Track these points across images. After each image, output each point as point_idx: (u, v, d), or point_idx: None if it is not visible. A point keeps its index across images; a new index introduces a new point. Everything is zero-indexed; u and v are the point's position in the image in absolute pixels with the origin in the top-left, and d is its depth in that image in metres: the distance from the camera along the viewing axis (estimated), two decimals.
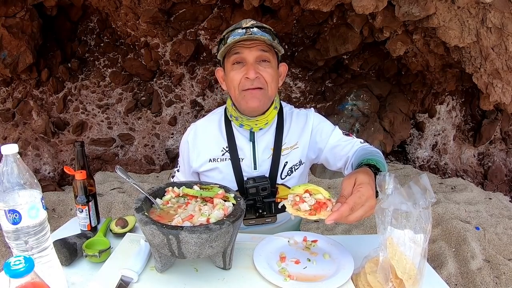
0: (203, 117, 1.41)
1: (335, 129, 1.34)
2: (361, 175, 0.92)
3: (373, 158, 1.10)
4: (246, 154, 1.29)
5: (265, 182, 1.24)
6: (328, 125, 1.35)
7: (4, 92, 3.98)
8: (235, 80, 1.20)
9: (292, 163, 1.31)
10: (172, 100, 4.48)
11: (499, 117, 4.40)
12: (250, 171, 1.29)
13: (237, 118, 1.27)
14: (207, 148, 1.31)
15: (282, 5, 3.64)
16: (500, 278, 2.47)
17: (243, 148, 1.30)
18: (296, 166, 1.32)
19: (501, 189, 4.29)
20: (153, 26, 3.90)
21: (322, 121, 1.36)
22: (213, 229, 0.83)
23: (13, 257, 0.63)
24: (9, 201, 0.77)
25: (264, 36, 1.14)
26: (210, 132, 1.34)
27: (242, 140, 1.30)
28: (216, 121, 1.35)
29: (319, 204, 0.90)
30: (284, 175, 1.31)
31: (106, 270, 0.96)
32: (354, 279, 0.94)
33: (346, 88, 4.63)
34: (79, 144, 1.20)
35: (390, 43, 3.57)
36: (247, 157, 1.29)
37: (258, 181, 1.24)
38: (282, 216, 1.37)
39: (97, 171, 4.22)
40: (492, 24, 2.57)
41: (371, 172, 0.98)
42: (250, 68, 1.17)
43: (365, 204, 0.86)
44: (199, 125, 1.37)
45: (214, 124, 1.35)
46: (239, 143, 1.30)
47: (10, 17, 3.45)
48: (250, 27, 1.17)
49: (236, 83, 1.20)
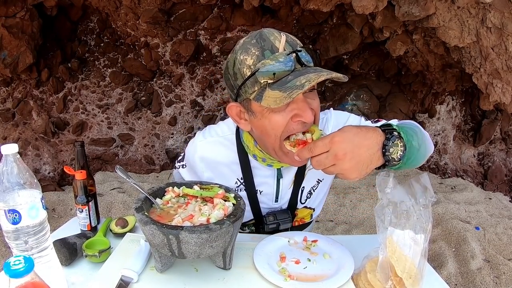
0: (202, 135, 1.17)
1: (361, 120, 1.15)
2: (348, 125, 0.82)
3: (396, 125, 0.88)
4: (268, 187, 1.16)
5: (287, 218, 1.14)
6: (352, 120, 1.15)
7: (4, 92, 3.98)
8: (279, 125, 0.90)
9: (310, 186, 1.20)
10: (172, 100, 4.48)
11: (499, 117, 4.40)
12: (270, 204, 1.19)
13: (264, 159, 1.07)
14: (218, 179, 1.13)
15: (282, 5, 3.64)
16: (500, 278, 2.47)
17: (264, 182, 1.15)
18: (314, 187, 1.21)
19: (501, 189, 4.29)
20: (153, 26, 3.90)
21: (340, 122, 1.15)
22: (213, 229, 0.83)
23: (13, 257, 0.63)
24: (9, 201, 0.77)
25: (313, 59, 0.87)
26: (222, 160, 1.14)
27: (262, 173, 1.14)
28: (227, 148, 1.14)
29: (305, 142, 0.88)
30: (304, 199, 1.21)
31: (106, 270, 0.96)
32: (354, 279, 0.94)
33: (346, 88, 4.63)
34: (79, 144, 1.20)
35: (390, 43, 3.58)
36: (269, 190, 1.16)
37: (279, 218, 1.14)
38: None
39: (97, 171, 4.22)
40: (492, 24, 2.57)
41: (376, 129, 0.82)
42: (305, 107, 0.88)
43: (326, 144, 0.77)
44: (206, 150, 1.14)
45: (224, 151, 1.14)
46: (258, 176, 1.14)
47: (10, 17, 3.45)
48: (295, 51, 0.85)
49: (280, 130, 0.90)
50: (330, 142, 0.78)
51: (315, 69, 0.85)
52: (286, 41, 0.87)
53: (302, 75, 0.82)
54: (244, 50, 0.89)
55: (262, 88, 0.87)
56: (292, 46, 0.88)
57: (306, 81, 0.80)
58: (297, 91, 0.80)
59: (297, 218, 1.24)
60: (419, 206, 0.83)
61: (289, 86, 0.82)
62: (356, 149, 0.78)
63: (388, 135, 0.82)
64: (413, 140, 0.85)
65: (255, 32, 0.91)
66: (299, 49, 0.86)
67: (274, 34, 0.89)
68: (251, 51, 0.88)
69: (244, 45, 0.90)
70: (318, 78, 0.80)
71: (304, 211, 1.23)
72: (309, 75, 0.82)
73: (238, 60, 0.90)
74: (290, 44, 0.88)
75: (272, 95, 0.84)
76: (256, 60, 0.87)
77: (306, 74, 0.82)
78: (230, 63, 0.93)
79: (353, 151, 0.77)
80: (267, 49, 0.87)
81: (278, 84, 0.84)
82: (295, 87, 0.80)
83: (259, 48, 0.87)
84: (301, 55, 0.85)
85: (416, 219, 0.84)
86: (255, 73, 0.85)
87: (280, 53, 0.85)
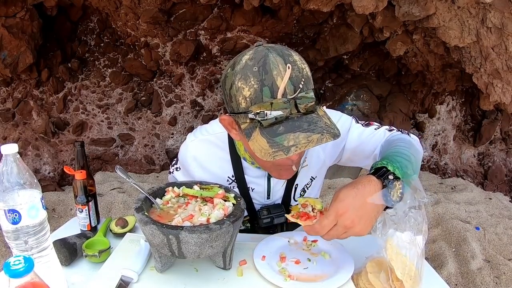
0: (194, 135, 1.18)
1: (352, 123, 1.16)
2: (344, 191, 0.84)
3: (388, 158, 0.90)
4: (259, 185, 1.20)
5: (281, 212, 1.18)
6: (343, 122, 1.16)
7: (4, 92, 3.98)
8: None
9: (303, 184, 1.24)
10: (172, 100, 4.48)
11: (499, 117, 4.40)
12: (263, 201, 1.23)
13: (253, 163, 1.13)
14: (211, 177, 1.16)
15: (282, 5, 3.64)
16: (500, 278, 2.47)
17: (255, 181, 1.19)
18: (307, 185, 1.25)
19: (501, 189, 4.29)
20: (153, 26, 3.90)
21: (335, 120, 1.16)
22: (213, 229, 0.83)
23: (12, 257, 0.63)
24: (9, 201, 0.77)
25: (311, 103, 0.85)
26: (213, 159, 1.17)
27: (254, 172, 1.18)
28: (218, 146, 1.16)
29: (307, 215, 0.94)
30: (298, 196, 1.24)
31: (106, 270, 0.96)
32: (354, 279, 0.94)
33: (346, 88, 4.63)
34: (79, 144, 1.20)
35: (390, 43, 3.58)
36: (260, 188, 1.20)
37: (273, 212, 1.18)
38: None
39: (97, 171, 4.22)
40: (492, 24, 2.57)
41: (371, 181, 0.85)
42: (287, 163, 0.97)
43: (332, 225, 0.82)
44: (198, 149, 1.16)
45: (216, 150, 1.16)
46: (249, 174, 1.18)
47: (10, 17, 3.45)
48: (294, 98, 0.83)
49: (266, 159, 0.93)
50: (335, 217, 0.82)
51: (310, 126, 0.83)
52: (289, 78, 0.82)
53: (293, 131, 0.82)
54: (244, 77, 0.84)
55: (254, 126, 0.86)
56: (295, 85, 0.83)
57: (294, 145, 0.80)
58: (282, 155, 0.80)
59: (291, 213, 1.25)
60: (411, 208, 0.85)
61: (276, 141, 0.82)
62: (360, 211, 0.82)
63: (384, 182, 0.85)
64: (408, 170, 0.88)
65: (260, 55, 0.85)
66: (299, 96, 0.83)
67: (278, 68, 0.82)
68: (250, 81, 0.83)
69: (244, 70, 0.85)
70: (306, 145, 0.80)
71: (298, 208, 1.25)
72: (300, 135, 0.81)
73: (236, 86, 0.85)
74: (293, 82, 0.83)
75: (260, 142, 0.84)
76: (253, 94, 0.83)
77: (298, 132, 0.81)
78: (228, 83, 0.89)
79: (359, 215, 0.82)
80: (267, 86, 0.82)
81: (268, 131, 0.83)
82: (282, 148, 0.81)
83: (259, 81, 0.83)
84: (301, 103, 0.83)
85: (413, 221, 0.85)
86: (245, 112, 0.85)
87: (278, 100, 0.82)
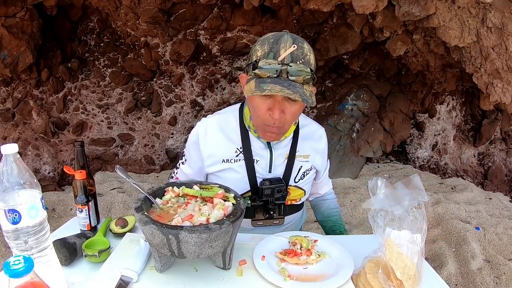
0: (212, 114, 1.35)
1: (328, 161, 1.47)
2: None
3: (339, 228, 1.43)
4: (262, 157, 1.28)
5: (281, 185, 1.25)
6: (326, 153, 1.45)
7: (4, 92, 3.98)
8: (260, 109, 1.12)
9: (305, 168, 1.35)
10: (172, 100, 4.48)
11: (499, 117, 4.40)
12: (265, 174, 1.29)
13: (255, 130, 1.24)
14: (220, 148, 1.27)
15: (282, 5, 3.64)
16: (500, 278, 2.47)
17: (259, 152, 1.28)
18: (308, 171, 1.35)
19: (501, 189, 4.29)
20: (153, 26, 3.90)
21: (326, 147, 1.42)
22: (213, 229, 0.83)
23: (12, 257, 0.63)
24: (9, 201, 0.77)
25: (300, 76, 1.04)
26: (224, 131, 1.29)
27: (258, 144, 1.28)
28: (230, 121, 1.30)
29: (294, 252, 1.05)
30: (298, 178, 1.33)
31: (106, 270, 0.96)
32: (354, 279, 0.94)
33: (346, 88, 4.63)
34: (79, 144, 1.20)
35: (390, 43, 3.58)
36: (263, 160, 1.28)
37: (274, 183, 1.25)
38: (289, 218, 1.38)
39: (97, 171, 4.22)
40: (492, 24, 2.57)
41: None
42: (276, 107, 1.08)
43: None
44: (211, 122, 1.30)
45: (227, 123, 1.30)
46: (254, 146, 1.28)
47: (10, 17, 3.45)
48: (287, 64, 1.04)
49: (260, 113, 1.13)
50: None
51: (289, 86, 1.02)
52: (291, 52, 1.04)
53: (274, 83, 1.02)
54: (261, 43, 1.10)
55: (252, 77, 1.09)
56: (294, 59, 1.04)
57: (269, 89, 1.01)
58: (257, 92, 1.02)
59: (289, 197, 1.33)
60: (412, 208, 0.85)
61: (261, 86, 1.03)
62: None
63: None
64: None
65: (279, 34, 1.09)
66: (291, 65, 1.04)
67: (286, 44, 1.05)
68: (264, 47, 1.08)
69: (264, 40, 1.10)
70: (278, 92, 1.00)
71: (296, 190, 1.34)
72: (276, 87, 1.01)
73: (255, 48, 1.12)
74: (292, 57, 1.04)
75: (251, 85, 1.07)
76: (262, 54, 1.07)
77: (278, 85, 1.01)
78: (253, 48, 1.14)
79: None
80: (273, 52, 1.05)
81: (259, 81, 1.05)
82: (260, 89, 1.02)
83: (269, 48, 1.06)
84: (291, 70, 1.03)
85: (411, 220, 0.85)
86: (253, 64, 1.09)
87: (276, 61, 1.04)
